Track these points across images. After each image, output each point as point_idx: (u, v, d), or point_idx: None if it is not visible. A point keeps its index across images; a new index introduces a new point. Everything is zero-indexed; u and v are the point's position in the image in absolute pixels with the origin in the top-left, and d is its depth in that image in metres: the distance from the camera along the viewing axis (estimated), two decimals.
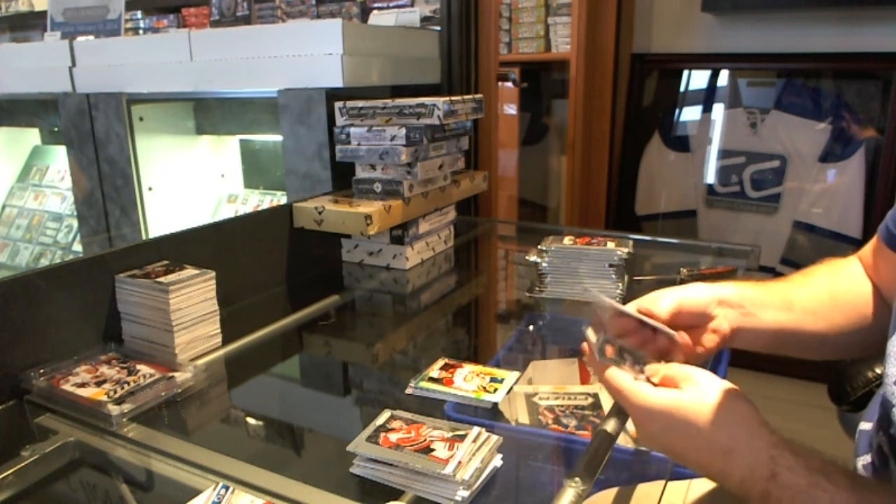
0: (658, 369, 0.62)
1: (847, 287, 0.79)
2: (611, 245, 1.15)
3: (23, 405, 0.83)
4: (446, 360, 0.91)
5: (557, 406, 0.92)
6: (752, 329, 0.73)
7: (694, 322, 0.71)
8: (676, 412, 0.57)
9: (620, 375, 0.61)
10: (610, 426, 0.65)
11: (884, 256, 0.76)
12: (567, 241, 1.18)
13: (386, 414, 0.74)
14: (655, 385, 0.61)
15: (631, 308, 0.70)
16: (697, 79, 2.59)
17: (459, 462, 0.64)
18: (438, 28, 1.70)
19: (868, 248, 0.81)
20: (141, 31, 3.02)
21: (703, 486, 0.86)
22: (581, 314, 1.17)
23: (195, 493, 0.62)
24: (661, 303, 0.70)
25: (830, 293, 0.77)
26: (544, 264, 1.16)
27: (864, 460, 0.72)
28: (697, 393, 0.58)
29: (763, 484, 0.53)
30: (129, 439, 0.75)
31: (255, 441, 0.85)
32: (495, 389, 0.84)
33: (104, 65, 1.83)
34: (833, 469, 0.52)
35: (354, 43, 1.42)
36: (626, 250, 1.14)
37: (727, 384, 0.58)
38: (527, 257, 1.19)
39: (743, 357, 0.86)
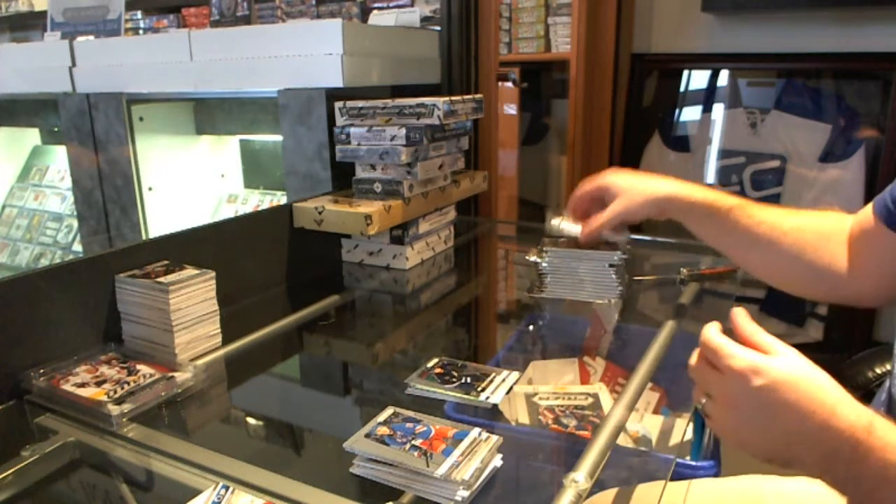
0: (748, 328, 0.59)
1: (836, 227, 0.82)
2: (605, 248, 1.15)
3: (23, 405, 0.83)
4: (441, 359, 0.92)
5: (557, 406, 0.92)
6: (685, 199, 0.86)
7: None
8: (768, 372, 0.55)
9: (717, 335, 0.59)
10: (610, 425, 0.65)
11: (879, 235, 0.75)
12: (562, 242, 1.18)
13: (388, 411, 0.74)
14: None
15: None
16: (697, 79, 2.59)
17: (458, 462, 0.64)
18: (438, 28, 1.70)
19: (859, 222, 0.80)
20: (141, 31, 3.02)
21: (704, 485, 0.86)
22: (581, 314, 1.17)
23: (195, 493, 0.62)
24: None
25: (816, 224, 0.82)
26: (544, 264, 1.16)
27: None
28: (792, 361, 0.56)
29: (861, 435, 0.52)
30: (129, 439, 0.75)
31: (254, 441, 0.85)
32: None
33: (104, 65, 1.83)
34: None
35: (354, 43, 1.42)
36: (620, 252, 1.13)
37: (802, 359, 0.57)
38: (527, 257, 1.19)
39: None
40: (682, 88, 2.62)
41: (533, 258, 1.17)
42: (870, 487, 0.51)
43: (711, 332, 0.59)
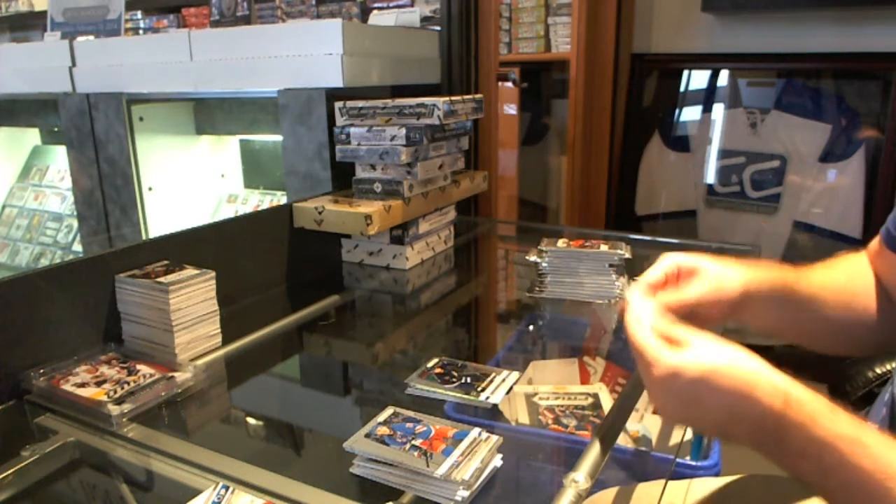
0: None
1: (862, 274, 0.80)
2: (604, 248, 1.15)
3: (23, 405, 0.83)
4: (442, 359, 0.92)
5: (557, 406, 0.92)
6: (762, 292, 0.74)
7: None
8: (682, 376, 0.56)
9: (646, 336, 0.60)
10: (610, 425, 0.65)
11: (887, 259, 0.77)
12: (561, 243, 1.18)
13: (388, 411, 0.74)
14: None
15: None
16: (697, 79, 2.59)
17: (458, 462, 0.64)
18: (438, 28, 1.70)
19: (871, 249, 0.82)
20: (141, 31, 3.02)
21: (704, 485, 0.86)
22: (581, 314, 1.17)
23: (195, 493, 0.62)
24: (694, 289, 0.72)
25: (848, 275, 0.79)
26: (544, 264, 1.16)
27: None
28: (706, 350, 0.57)
29: (776, 418, 0.53)
30: (129, 439, 0.75)
31: (255, 441, 0.85)
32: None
33: (104, 65, 1.83)
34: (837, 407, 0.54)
35: (354, 43, 1.42)
36: (620, 252, 1.14)
37: (725, 343, 0.58)
38: (527, 257, 1.19)
39: None
40: (682, 88, 2.62)
41: (533, 258, 1.17)
42: (791, 462, 0.54)
43: (636, 335, 0.61)
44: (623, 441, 0.92)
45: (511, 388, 0.85)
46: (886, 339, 0.78)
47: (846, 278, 0.79)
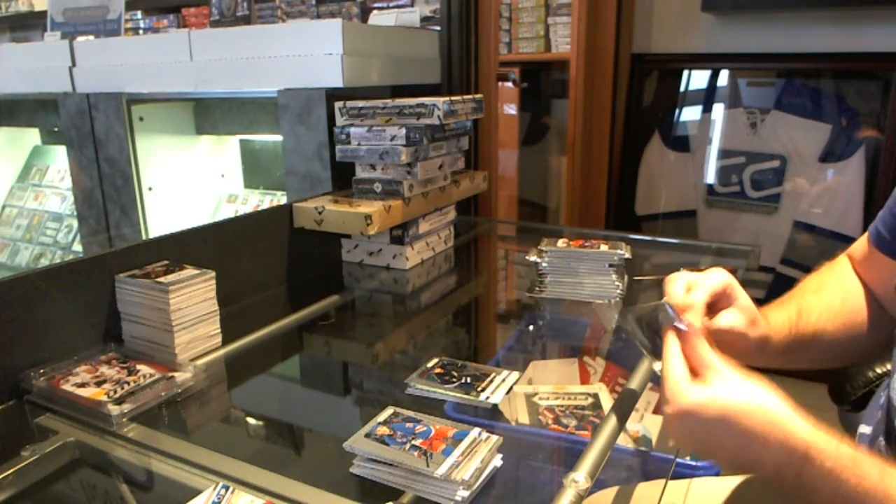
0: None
1: (853, 302, 0.79)
2: (604, 248, 1.15)
3: (23, 405, 0.83)
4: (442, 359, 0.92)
5: (557, 406, 0.92)
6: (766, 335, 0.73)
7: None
8: (711, 411, 0.56)
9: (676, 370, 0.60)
10: (610, 425, 0.65)
11: (876, 260, 0.77)
12: (561, 243, 1.18)
13: (388, 411, 0.74)
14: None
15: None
16: (697, 79, 2.59)
17: (458, 462, 0.64)
18: (438, 28, 1.70)
19: (858, 248, 0.82)
20: (141, 31, 3.02)
21: (704, 485, 0.86)
22: (581, 314, 1.17)
23: (195, 493, 0.62)
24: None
25: (846, 315, 0.78)
26: (544, 264, 1.16)
27: None
28: (725, 388, 0.57)
29: (798, 468, 0.54)
30: (129, 439, 0.75)
31: (255, 441, 0.85)
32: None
33: (104, 65, 1.83)
34: (859, 454, 0.53)
35: (354, 43, 1.42)
36: (620, 252, 1.14)
37: (749, 379, 0.58)
38: (527, 257, 1.19)
39: None
40: (682, 88, 2.62)
41: (533, 258, 1.17)
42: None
43: (665, 363, 0.61)
44: (623, 441, 0.92)
45: (511, 388, 0.85)
46: (879, 343, 0.79)
47: (840, 301, 0.79)
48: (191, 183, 2.01)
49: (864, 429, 0.75)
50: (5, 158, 2.63)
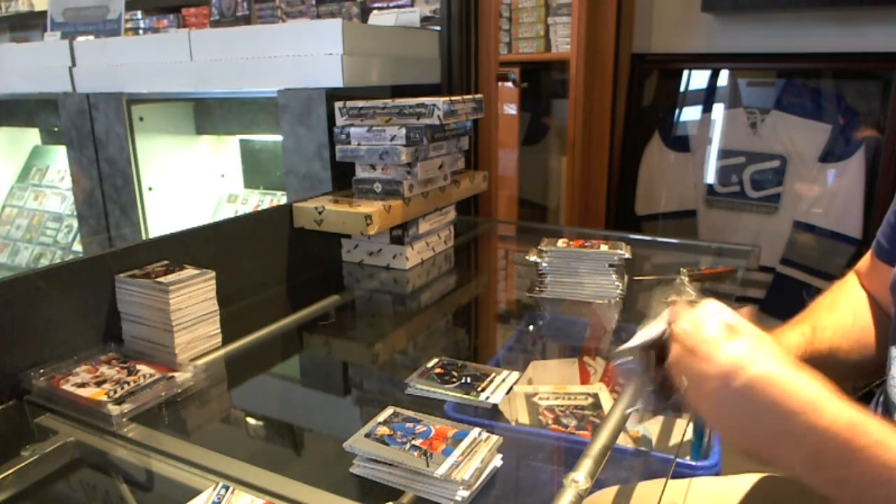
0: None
1: (862, 305, 0.81)
2: (604, 248, 1.15)
3: (23, 405, 0.83)
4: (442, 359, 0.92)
5: (557, 406, 0.92)
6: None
7: None
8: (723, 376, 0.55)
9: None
10: (610, 425, 0.65)
11: (878, 271, 0.79)
12: (561, 243, 1.18)
13: (388, 410, 0.74)
14: None
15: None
16: (697, 79, 2.59)
17: (458, 462, 0.64)
18: (438, 28, 1.70)
19: (864, 264, 0.84)
20: (141, 31, 3.02)
21: (704, 485, 0.86)
22: (581, 314, 1.17)
23: (195, 493, 0.62)
24: None
25: (858, 336, 0.79)
26: (544, 264, 1.16)
27: None
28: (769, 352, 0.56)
29: (845, 434, 0.51)
30: (129, 439, 0.75)
31: (255, 441, 0.85)
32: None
33: (104, 65, 1.83)
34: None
35: (354, 43, 1.42)
36: (620, 252, 1.13)
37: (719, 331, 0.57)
38: (527, 257, 1.19)
39: None
40: (682, 88, 2.62)
41: (533, 258, 1.17)
42: (860, 487, 0.50)
43: (684, 327, 0.59)
44: (623, 441, 0.92)
45: (511, 388, 0.85)
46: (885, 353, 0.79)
47: (852, 318, 0.79)
48: (191, 183, 2.01)
49: None
50: (5, 158, 2.63)
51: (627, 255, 1.13)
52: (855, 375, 0.81)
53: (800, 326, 0.78)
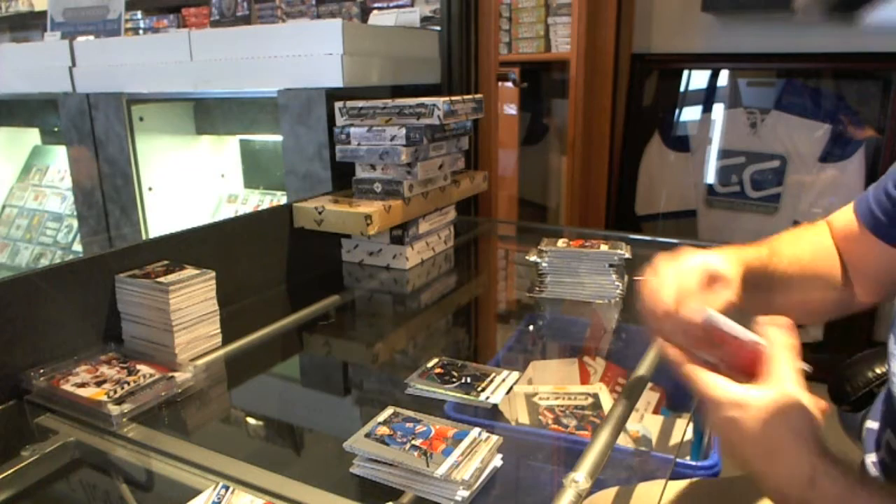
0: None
1: (826, 248, 0.80)
2: (604, 248, 1.15)
3: (23, 405, 0.83)
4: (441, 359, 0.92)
5: (557, 406, 0.92)
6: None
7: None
8: (738, 407, 0.56)
9: (697, 369, 0.60)
10: (610, 425, 0.65)
11: (865, 241, 0.75)
12: (561, 243, 1.18)
13: (388, 410, 0.74)
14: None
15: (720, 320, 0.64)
16: (697, 79, 2.59)
17: (458, 462, 0.64)
18: (438, 28, 1.70)
19: (841, 221, 0.80)
20: (141, 31, 3.02)
21: (704, 485, 0.86)
22: (581, 314, 1.17)
23: (195, 493, 0.62)
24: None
25: (813, 272, 0.78)
26: (544, 264, 1.16)
27: (872, 458, 0.72)
28: (762, 391, 0.56)
29: (801, 490, 0.53)
30: (129, 439, 0.75)
31: (254, 441, 0.85)
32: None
33: (104, 65, 1.83)
34: (869, 480, 0.53)
35: (354, 43, 1.42)
36: (620, 252, 1.14)
37: (794, 385, 0.57)
38: (527, 257, 1.19)
39: None
40: (682, 88, 2.62)
41: (533, 258, 1.17)
42: None
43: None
44: (623, 441, 0.92)
45: (511, 388, 0.85)
46: (845, 307, 0.79)
47: (811, 255, 0.79)
48: (191, 183, 2.01)
49: (871, 424, 0.76)
50: (5, 158, 2.63)
51: (627, 255, 1.13)
52: (800, 310, 0.79)
53: (759, 248, 0.77)
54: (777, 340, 0.59)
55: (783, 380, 0.57)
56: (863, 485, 0.52)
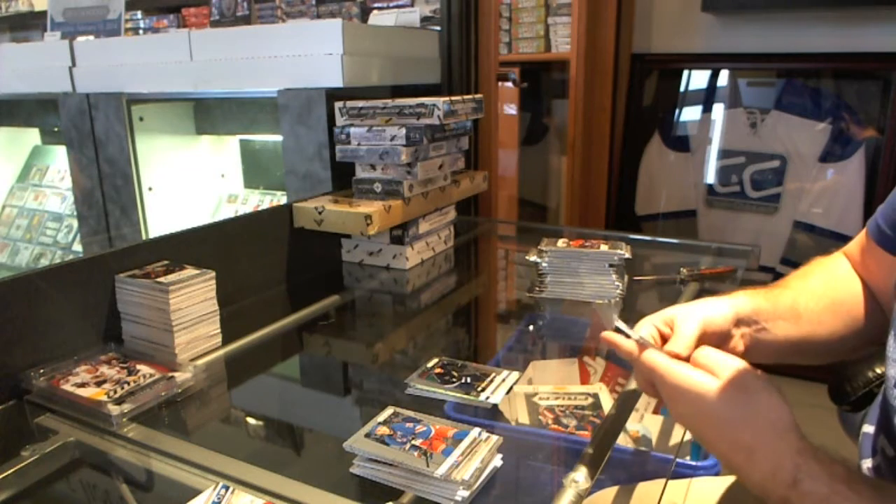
0: (703, 353, 0.61)
1: (843, 291, 0.78)
2: (604, 248, 1.15)
3: (23, 405, 0.83)
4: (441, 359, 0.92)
5: (557, 406, 0.92)
6: (765, 344, 0.71)
7: (712, 343, 0.66)
8: (707, 399, 0.56)
9: (656, 354, 0.61)
10: (610, 425, 0.65)
11: (874, 256, 0.76)
12: (561, 243, 1.18)
13: (388, 410, 0.74)
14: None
15: (646, 324, 0.69)
16: (697, 79, 2.59)
17: (458, 462, 0.64)
18: (438, 28, 1.70)
19: (856, 245, 0.80)
20: (141, 31, 3.02)
21: (704, 485, 0.86)
22: (581, 314, 1.17)
23: (195, 493, 0.62)
24: (685, 326, 0.66)
25: (831, 300, 0.76)
26: (544, 264, 1.16)
27: (868, 463, 0.72)
28: (732, 384, 0.56)
29: (784, 489, 0.52)
30: (129, 439, 0.75)
31: (254, 441, 0.85)
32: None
33: (104, 65, 1.83)
34: (857, 478, 0.51)
35: (354, 43, 1.42)
36: (620, 252, 1.13)
37: (764, 381, 0.57)
38: (527, 257, 1.19)
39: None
40: (682, 88, 2.62)
41: (533, 258, 1.17)
42: None
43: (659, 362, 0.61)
44: (623, 441, 0.92)
45: (511, 388, 0.85)
46: (873, 340, 0.77)
47: (823, 286, 0.77)
48: (191, 183, 2.01)
49: (868, 429, 0.76)
50: (5, 158, 2.63)
51: (627, 255, 1.13)
52: (825, 346, 0.77)
53: (762, 290, 0.76)
54: (683, 330, 0.62)
55: (746, 370, 0.57)
56: (849, 484, 0.50)
